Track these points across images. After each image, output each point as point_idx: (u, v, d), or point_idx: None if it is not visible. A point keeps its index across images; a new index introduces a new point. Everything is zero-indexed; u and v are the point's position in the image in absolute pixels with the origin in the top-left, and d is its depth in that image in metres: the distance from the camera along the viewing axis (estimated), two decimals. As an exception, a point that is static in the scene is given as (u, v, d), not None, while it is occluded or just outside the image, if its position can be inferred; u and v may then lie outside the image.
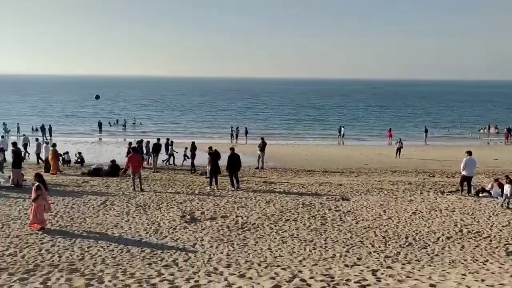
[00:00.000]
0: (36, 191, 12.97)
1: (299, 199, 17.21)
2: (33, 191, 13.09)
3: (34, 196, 12.93)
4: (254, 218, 14.39)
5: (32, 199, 13.03)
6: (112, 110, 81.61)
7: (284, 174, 24.81)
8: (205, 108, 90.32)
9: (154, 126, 58.74)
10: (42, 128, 44.60)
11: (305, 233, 12.86)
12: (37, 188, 13.02)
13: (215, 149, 21.00)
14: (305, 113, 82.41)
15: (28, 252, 10.91)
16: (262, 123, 64.34)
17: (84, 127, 56.48)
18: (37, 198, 12.89)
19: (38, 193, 12.94)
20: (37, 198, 12.89)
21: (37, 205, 12.88)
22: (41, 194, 13.01)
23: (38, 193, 12.94)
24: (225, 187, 19.55)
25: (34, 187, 13.18)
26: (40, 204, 12.93)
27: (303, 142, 45.67)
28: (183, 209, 15.51)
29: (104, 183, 20.25)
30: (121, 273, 9.31)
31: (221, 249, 11.39)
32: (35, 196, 12.91)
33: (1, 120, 51.62)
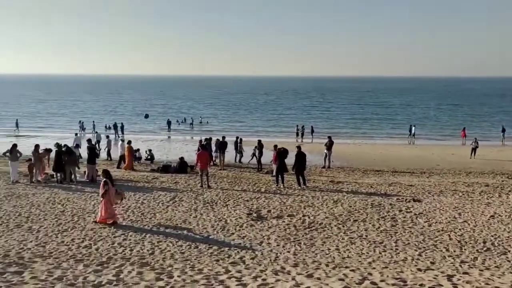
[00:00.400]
0: (104, 187, 13.44)
1: (367, 200, 16.75)
2: (101, 187, 13.59)
3: (102, 191, 13.41)
4: (321, 218, 14.15)
5: (100, 195, 13.51)
6: (180, 109, 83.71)
7: (351, 173, 24.28)
8: (270, 107, 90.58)
9: (220, 125, 59.58)
10: (114, 126, 46.48)
11: (375, 235, 12.47)
12: (105, 183, 13.50)
13: (283, 147, 20.85)
14: (372, 111, 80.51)
15: (101, 245, 11.32)
16: (328, 122, 63.53)
17: (154, 126, 58.27)
18: (105, 194, 13.36)
19: (105, 188, 13.41)
20: (105, 194, 13.36)
21: (106, 200, 13.35)
22: (108, 189, 13.47)
23: (105, 188, 13.41)
24: (291, 186, 19.41)
25: (102, 183, 13.67)
26: (109, 199, 13.39)
27: (370, 141, 44.57)
28: (250, 207, 15.54)
29: (173, 179, 20.72)
30: (189, 269, 9.42)
31: (288, 248, 11.27)
32: (103, 191, 13.38)
33: (77, 118, 54.36)
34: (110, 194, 13.50)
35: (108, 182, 13.56)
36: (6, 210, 14.74)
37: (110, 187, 13.58)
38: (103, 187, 13.46)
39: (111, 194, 13.58)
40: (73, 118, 65.08)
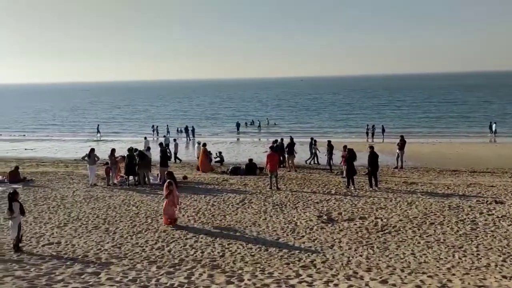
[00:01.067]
0: (168, 188, 13.70)
1: (444, 201, 15.94)
2: (165, 188, 13.87)
3: (166, 192, 13.69)
4: (395, 221, 13.62)
5: (164, 196, 13.79)
6: (248, 111, 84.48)
7: (426, 174, 23.26)
8: (338, 107, 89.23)
9: (287, 126, 59.43)
10: (186, 129, 47.67)
11: (453, 239, 11.81)
12: (169, 184, 13.77)
13: (351, 149, 20.35)
14: (446, 109, 77.11)
15: (174, 246, 11.54)
16: (400, 121, 61.53)
17: (223, 128, 59.17)
18: (169, 195, 13.62)
19: (169, 189, 13.67)
20: (169, 195, 13.62)
21: (168, 201, 13.64)
22: (173, 190, 13.73)
23: (169, 189, 13.67)
24: (362, 187, 18.90)
25: (166, 184, 13.94)
26: (171, 200, 13.67)
27: (445, 140, 42.58)
28: (320, 209, 15.27)
29: (242, 181, 20.83)
30: (259, 272, 9.35)
31: (360, 252, 10.94)
32: (167, 192, 13.65)
33: (150, 122, 56.23)
34: (174, 195, 13.79)
35: (172, 183, 13.87)
36: (85, 212, 15.44)
37: (174, 188, 13.86)
38: (167, 188, 13.74)
39: (175, 195, 13.86)
40: (145, 122, 67.55)
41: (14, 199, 11.35)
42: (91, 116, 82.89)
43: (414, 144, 35.66)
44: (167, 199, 13.70)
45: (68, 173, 24.14)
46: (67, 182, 21.23)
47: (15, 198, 11.40)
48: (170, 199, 13.70)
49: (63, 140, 48.07)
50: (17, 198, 11.54)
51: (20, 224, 11.31)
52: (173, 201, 13.79)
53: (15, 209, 11.20)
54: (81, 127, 64.96)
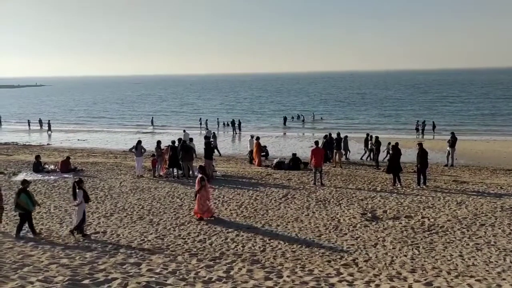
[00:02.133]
0: (200, 183, 13.70)
1: (496, 202, 15.24)
2: (197, 182, 13.87)
3: (198, 187, 13.68)
4: (442, 221, 13.14)
5: (196, 190, 13.79)
6: (294, 106, 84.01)
7: (478, 173, 22.33)
8: (388, 102, 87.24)
9: (334, 121, 58.65)
10: (232, 123, 47.96)
11: (505, 241, 11.26)
12: (201, 179, 13.75)
13: (395, 145, 19.75)
14: (503, 105, 73.83)
15: (215, 239, 11.59)
16: (452, 117, 59.46)
17: (268, 122, 59.10)
18: (201, 189, 13.61)
19: (201, 184, 13.66)
20: (201, 189, 13.61)
21: (201, 195, 13.62)
22: (205, 185, 13.71)
23: (201, 184, 13.66)
24: (409, 185, 18.36)
25: (198, 178, 13.95)
26: (203, 195, 13.66)
27: (501, 137, 40.77)
28: (364, 206, 14.95)
29: (286, 176, 20.70)
30: (299, 269, 9.22)
31: (404, 252, 10.61)
32: (199, 187, 13.64)
33: (196, 115, 56.83)
34: (206, 189, 13.81)
35: (204, 178, 13.86)
36: (131, 202, 15.78)
37: (206, 183, 13.87)
38: (199, 182, 13.74)
39: (207, 189, 13.88)
40: (192, 115, 68.44)
41: (80, 187, 11.91)
42: (140, 108, 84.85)
43: (466, 141, 34.38)
44: (199, 193, 13.71)
45: (117, 164, 24.79)
46: (115, 173, 21.79)
47: (80, 186, 11.95)
48: (203, 194, 13.70)
49: (114, 132, 49.48)
50: (82, 186, 12.09)
51: (84, 210, 11.91)
52: (207, 196, 13.82)
53: (79, 196, 11.76)
54: (131, 119, 66.64)
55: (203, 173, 14.17)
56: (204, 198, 13.74)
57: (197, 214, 13.75)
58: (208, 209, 13.80)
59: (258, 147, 24.86)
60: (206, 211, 13.72)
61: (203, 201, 13.71)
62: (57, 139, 42.65)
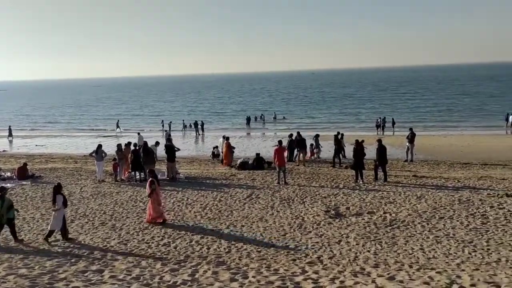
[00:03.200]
0: (151, 186, 13.52)
1: (454, 195, 15.70)
2: (148, 186, 13.69)
3: (149, 191, 13.50)
4: (403, 215, 13.43)
5: (147, 195, 13.61)
6: (256, 106, 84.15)
7: (436, 167, 22.96)
8: (348, 100, 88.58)
9: (296, 121, 59.08)
10: (195, 124, 47.56)
11: (463, 233, 11.62)
12: (151, 183, 13.57)
13: (359, 142, 20.10)
14: (458, 101, 76.18)
15: (180, 243, 11.49)
16: (410, 114, 60.91)
17: (231, 123, 59.02)
18: (152, 193, 13.43)
19: (152, 188, 13.47)
20: (152, 193, 13.43)
21: (153, 200, 13.43)
22: (155, 189, 13.53)
23: (152, 188, 13.47)
24: (371, 181, 18.69)
25: (148, 182, 13.78)
26: (155, 198, 13.48)
27: (457, 132, 42.06)
28: (328, 203, 15.13)
29: (250, 176, 20.71)
30: (265, 269, 9.24)
31: (368, 247, 10.80)
32: (150, 191, 13.46)
33: (157, 118, 56.11)
34: (158, 193, 13.64)
35: (154, 181, 13.67)
36: (93, 208, 15.44)
37: (157, 186, 13.68)
38: (150, 186, 13.56)
39: (158, 193, 13.73)
40: (153, 118, 67.56)
41: (59, 192, 11.92)
42: (99, 112, 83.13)
43: (424, 137, 35.32)
44: (151, 198, 13.48)
45: (77, 169, 24.22)
46: (75, 178, 21.29)
47: (59, 191, 11.99)
48: (154, 198, 13.49)
49: (73, 136, 48.29)
50: (61, 191, 12.14)
51: (64, 216, 11.98)
52: (158, 200, 13.61)
53: (58, 202, 11.76)
54: (91, 123, 65.18)
55: (153, 176, 13.94)
56: (157, 202, 13.52)
57: (157, 219, 13.49)
58: (160, 213, 13.57)
59: (228, 147, 24.86)
60: (158, 216, 13.48)
61: (156, 205, 13.47)
62: (14, 145, 41.32)
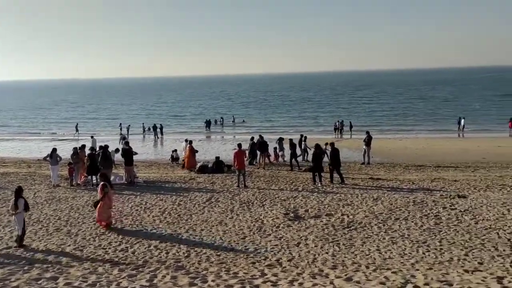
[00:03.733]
0: (103, 190, 13.33)
1: (409, 197, 16.13)
2: (100, 190, 13.48)
3: (101, 195, 13.31)
4: (360, 217, 13.69)
5: (99, 198, 13.40)
6: (215, 109, 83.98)
7: (392, 169, 23.55)
8: (306, 104, 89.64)
9: (256, 124, 59.32)
10: (154, 127, 46.97)
11: (417, 234, 11.94)
12: (103, 186, 13.37)
13: (318, 145, 20.40)
14: (413, 105, 78.43)
15: (138, 248, 11.31)
16: (368, 117, 62.28)
17: (190, 126, 58.68)
18: (104, 197, 13.24)
19: (104, 191, 13.28)
20: (104, 197, 13.24)
21: (103, 203, 13.22)
22: (108, 192, 13.34)
23: (104, 191, 13.28)
24: (329, 184, 18.96)
25: (100, 186, 13.57)
26: (106, 202, 13.26)
27: (412, 135, 43.32)
28: (287, 206, 15.24)
29: (210, 180, 20.63)
30: (224, 272, 9.21)
31: (326, 249, 10.93)
32: (102, 194, 13.27)
33: (113, 121, 55.15)
34: (109, 197, 13.43)
35: (107, 185, 13.46)
36: (47, 214, 15.00)
37: (109, 190, 13.48)
38: (102, 190, 13.34)
39: (111, 197, 13.52)
40: (109, 121, 66.37)
41: (20, 195, 11.70)
42: (54, 115, 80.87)
43: (381, 140, 36.18)
44: (102, 201, 13.24)
45: (30, 174, 23.48)
46: (29, 183, 20.60)
47: (20, 194, 11.76)
48: (105, 202, 13.24)
49: (26, 140, 46.80)
50: (22, 194, 11.90)
51: (24, 220, 11.75)
52: (109, 204, 13.38)
53: (19, 205, 11.51)
54: (45, 126, 63.31)
55: (105, 180, 13.69)
56: (107, 205, 13.27)
57: (100, 223, 13.22)
58: (109, 217, 13.32)
59: (191, 150, 24.72)
60: (107, 219, 13.23)
61: (106, 209, 13.22)
62: (-38, 149, 39.65)
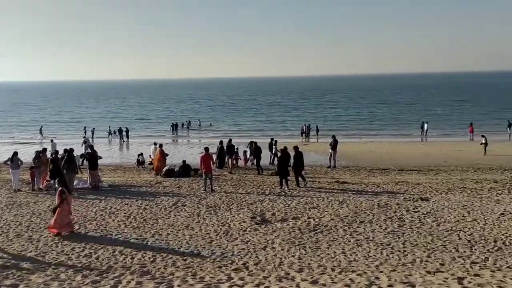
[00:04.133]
0: (61, 196, 13.06)
1: (374, 200, 16.41)
2: (57, 196, 13.20)
3: (59, 200, 13.03)
4: (326, 220, 13.84)
5: (57, 204, 13.14)
6: (182, 112, 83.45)
7: (357, 173, 23.91)
8: (274, 108, 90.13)
9: (223, 128, 59.26)
10: (119, 131, 46.25)
11: (382, 236, 12.15)
12: (61, 192, 13.10)
13: (283, 149, 20.56)
14: (377, 109, 80.00)
15: (102, 253, 11.09)
16: (333, 121, 63.12)
17: (157, 130, 58.11)
18: (62, 203, 12.97)
19: (62, 197, 13.02)
20: (62, 203, 12.97)
21: (61, 209, 12.92)
22: (66, 198, 13.08)
23: (62, 197, 13.02)
24: (296, 187, 19.09)
25: (58, 191, 13.28)
26: (64, 208, 12.98)
27: (376, 139, 44.14)
28: (254, 210, 15.26)
29: (176, 184, 20.47)
30: (190, 277, 9.15)
31: (292, 252, 10.99)
32: (60, 200, 13.00)
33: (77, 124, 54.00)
34: (68, 203, 13.16)
35: (65, 191, 13.17)
36: (7, 219, 14.55)
37: (68, 196, 13.22)
38: (60, 196, 13.05)
39: (69, 203, 13.26)
40: (73, 124, 65.06)
41: None
42: (15, 118, 78.60)
43: (346, 144, 36.67)
44: (60, 207, 12.93)
45: (-10, 178, 22.74)
46: (-12, 188, 19.96)
47: None
48: (64, 208, 12.95)
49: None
50: None
51: None
52: (68, 210, 13.09)
53: None
54: (5, 129, 61.46)
55: (63, 186, 13.40)
56: (66, 212, 12.96)
57: (52, 230, 12.82)
58: (69, 223, 13.02)
59: (162, 154, 24.52)
60: (66, 225, 12.89)
61: (64, 216, 12.88)
62: None
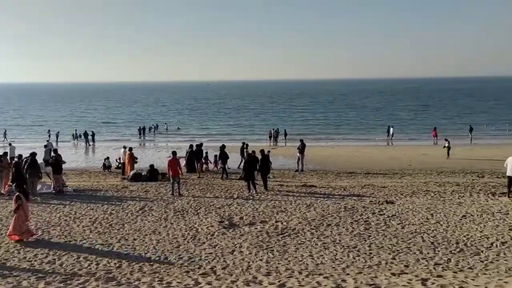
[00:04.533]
0: (17, 202, 12.69)
1: (340, 203, 16.61)
2: (14, 201, 12.83)
3: (15, 206, 12.67)
4: (294, 223, 13.92)
5: (13, 210, 12.82)
6: (149, 116, 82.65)
7: (324, 176, 24.18)
8: (242, 112, 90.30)
9: (191, 131, 58.98)
10: (85, 134, 45.43)
11: (348, 239, 12.31)
12: (17, 198, 12.73)
13: (250, 153, 20.68)
14: (345, 114, 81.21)
15: (66, 259, 10.86)
16: (301, 125, 63.69)
17: (124, 133, 57.38)
18: (18, 209, 12.61)
19: (18, 203, 12.66)
20: (18, 209, 12.61)
21: (18, 215, 12.58)
22: (22, 204, 12.71)
23: (18, 203, 12.66)
24: (264, 191, 19.15)
25: (14, 197, 12.93)
26: (21, 214, 12.63)
27: (343, 143, 44.79)
28: (222, 214, 15.21)
29: (143, 188, 20.22)
30: (157, 282, 9.06)
31: (260, 256, 11.01)
32: (16, 206, 12.65)
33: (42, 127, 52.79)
34: (25, 209, 12.80)
35: (21, 196, 12.80)
36: (-34, 226, 14.06)
37: (24, 201, 12.85)
38: (16, 201, 12.68)
39: (26, 209, 12.90)
40: (35, 128, 63.55)
41: None
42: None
43: (314, 147, 37.08)
44: (17, 213, 12.56)
45: None
46: None
47: None
48: (20, 214, 12.58)
49: None
50: None
51: None
52: (25, 216, 12.73)
53: None
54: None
55: (21, 191, 13.04)
56: (23, 218, 12.59)
57: (13, 237, 12.46)
58: (28, 229, 12.67)
59: (131, 157, 24.29)
60: (26, 232, 12.54)
61: (21, 222, 12.52)
62: None
